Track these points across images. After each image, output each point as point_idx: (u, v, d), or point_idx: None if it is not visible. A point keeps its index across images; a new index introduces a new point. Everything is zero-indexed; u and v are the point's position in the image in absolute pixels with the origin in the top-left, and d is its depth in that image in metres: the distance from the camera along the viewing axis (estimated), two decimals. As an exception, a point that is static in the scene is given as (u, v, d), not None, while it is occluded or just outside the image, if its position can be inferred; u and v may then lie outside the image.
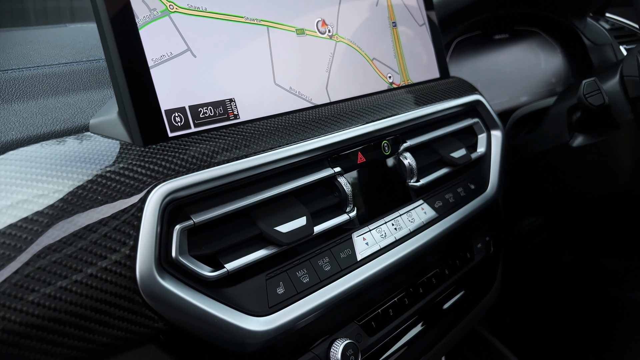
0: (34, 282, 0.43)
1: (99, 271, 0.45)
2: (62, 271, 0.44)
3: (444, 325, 0.77)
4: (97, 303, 0.45)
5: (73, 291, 0.44)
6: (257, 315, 0.53)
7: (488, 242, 0.87)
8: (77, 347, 0.44)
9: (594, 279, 1.78)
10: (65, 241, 0.44)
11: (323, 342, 0.60)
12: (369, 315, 0.66)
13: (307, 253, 0.60)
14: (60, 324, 0.43)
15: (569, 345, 1.85)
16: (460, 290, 0.81)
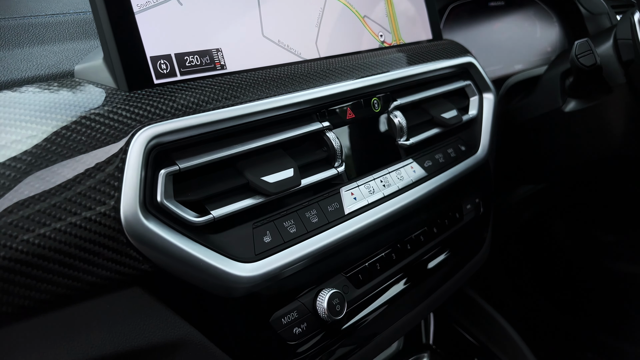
0: (20, 220, 0.43)
1: (83, 210, 0.45)
2: (48, 210, 0.44)
3: (431, 283, 0.78)
4: (82, 241, 0.45)
5: (57, 229, 0.44)
6: (243, 261, 0.53)
7: (478, 203, 0.88)
8: (62, 284, 0.45)
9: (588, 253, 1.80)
10: (49, 180, 0.45)
11: (310, 292, 0.61)
12: (356, 268, 0.67)
13: (295, 205, 0.60)
14: (45, 260, 0.43)
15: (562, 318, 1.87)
16: (449, 249, 0.82)
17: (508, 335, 1.01)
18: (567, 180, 1.34)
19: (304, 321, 0.59)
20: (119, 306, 0.49)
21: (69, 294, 0.45)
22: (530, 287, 1.95)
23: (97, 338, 0.47)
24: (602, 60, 0.91)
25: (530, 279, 1.95)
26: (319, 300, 0.60)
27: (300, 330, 0.59)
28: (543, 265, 1.90)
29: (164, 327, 0.51)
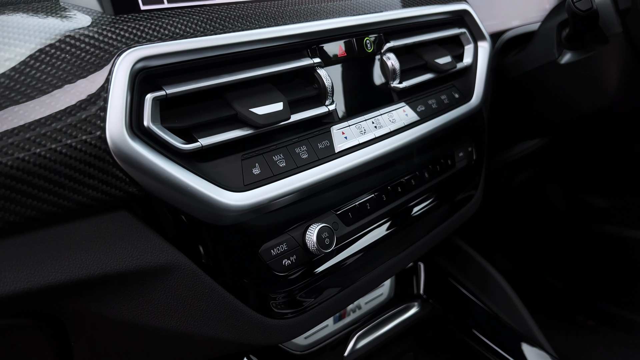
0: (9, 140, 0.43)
1: (69, 129, 0.45)
2: (35, 129, 0.44)
3: (420, 228, 0.79)
4: (69, 160, 0.45)
5: (42, 144, 0.44)
6: (232, 190, 0.53)
7: (470, 152, 0.88)
8: (51, 201, 0.45)
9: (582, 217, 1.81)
10: (35, 100, 0.44)
11: (300, 227, 0.61)
12: (347, 206, 0.67)
13: (284, 140, 0.60)
14: (34, 176, 0.43)
15: (554, 281, 1.89)
16: (440, 196, 0.82)
17: (501, 288, 1.03)
18: (561, 135, 1.34)
19: (293, 254, 0.60)
20: (107, 229, 0.49)
21: (57, 212, 0.45)
22: (522, 250, 1.97)
23: (85, 258, 0.47)
24: (599, 9, 0.89)
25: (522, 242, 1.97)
26: (309, 234, 0.60)
27: (290, 262, 0.59)
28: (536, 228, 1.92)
29: (152, 252, 0.51)
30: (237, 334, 0.57)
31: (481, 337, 0.91)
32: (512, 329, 0.91)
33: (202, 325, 0.55)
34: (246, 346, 0.61)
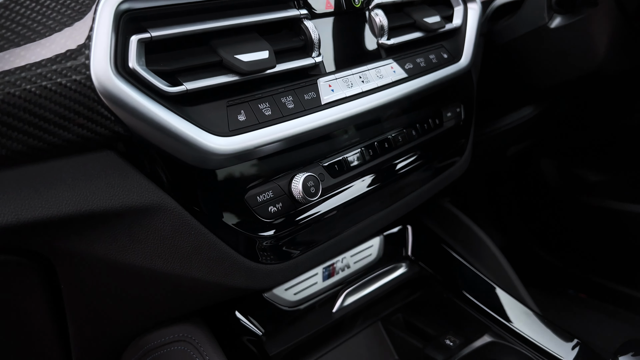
0: None
1: (54, 64, 0.45)
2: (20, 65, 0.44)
3: (408, 185, 0.80)
4: (57, 96, 0.46)
5: (32, 82, 0.44)
6: (217, 135, 0.54)
7: (459, 113, 0.89)
8: (38, 136, 0.46)
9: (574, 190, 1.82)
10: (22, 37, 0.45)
11: (286, 176, 0.62)
12: (333, 159, 0.68)
13: (270, 89, 0.61)
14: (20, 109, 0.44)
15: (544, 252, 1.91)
16: (427, 154, 0.83)
17: (491, 252, 1.04)
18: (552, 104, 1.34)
19: (279, 201, 0.61)
20: (94, 167, 0.50)
21: (44, 148, 0.46)
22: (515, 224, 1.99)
23: (72, 195, 0.48)
24: None
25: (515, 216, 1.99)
26: (295, 182, 0.61)
27: (276, 209, 0.60)
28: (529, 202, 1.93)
29: (137, 192, 0.52)
30: (223, 277, 0.59)
31: (471, 298, 0.93)
32: (501, 291, 0.92)
33: (189, 266, 0.57)
34: (232, 290, 0.62)
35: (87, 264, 0.54)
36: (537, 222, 1.94)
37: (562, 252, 1.89)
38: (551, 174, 1.84)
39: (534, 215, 1.94)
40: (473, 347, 0.86)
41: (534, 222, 1.95)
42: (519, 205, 1.96)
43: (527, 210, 1.95)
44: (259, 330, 0.79)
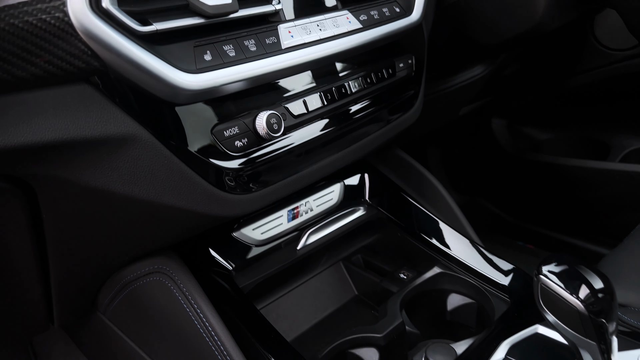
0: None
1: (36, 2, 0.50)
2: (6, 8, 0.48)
3: (363, 129, 0.87)
4: (38, 30, 0.51)
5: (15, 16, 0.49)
6: (185, 72, 0.59)
7: (410, 64, 0.96)
8: (20, 65, 0.50)
9: (523, 149, 1.94)
10: None
11: (251, 113, 0.68)
12: (294, 100, 0.74)
13: (234, 32, 0.66)
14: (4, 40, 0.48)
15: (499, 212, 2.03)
16: (381, 101, 0.90)
17: (440, 195, 1.13)
18: (499, 63, 1.43)
19: (245, 137, 0.67)
20: (73, 99, 0.55)
21: (26, 77, 0.51)
22: (469, 183, 2.10)
23: (54, 123, 0.53)
24: None
25: (469, 175, 2.10)
26: (259, 119, 0.67)
27: (242, 144, 0.66)
28: (481, 161, 2.04)
29: (114, 123, 0.57)
30: (195, 204, 0.65)
31: (422, 236, 1.01)
32: (449, 228, 1.01)
33: (163, 193, 0.62)
34: (203, 217, 0.68)
35: (67, 190, 0.59)
36: (488, 179, 2.06)
37: (512, 207, 2.01)
38: (501, 133, 1.95)
39: (486, 172, 2.06)
40: (424, 278, 0.95)
41: (486, 179, 2.07)
42: (471, 163, 2.07)
43: (479, 168, 2.07)
44: (229, 265, 0.86)
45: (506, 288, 0.88)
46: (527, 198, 1.96)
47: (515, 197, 2.00)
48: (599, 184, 1.70)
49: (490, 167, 2.04)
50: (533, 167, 1.88)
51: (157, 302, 0.79)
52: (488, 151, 1.99)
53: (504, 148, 1.94)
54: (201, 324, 0.75)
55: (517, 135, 1.96)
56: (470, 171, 2.10)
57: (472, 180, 2.10)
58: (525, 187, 1.94)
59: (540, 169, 1.86)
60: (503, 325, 0.79)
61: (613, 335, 0.64)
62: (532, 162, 1.88)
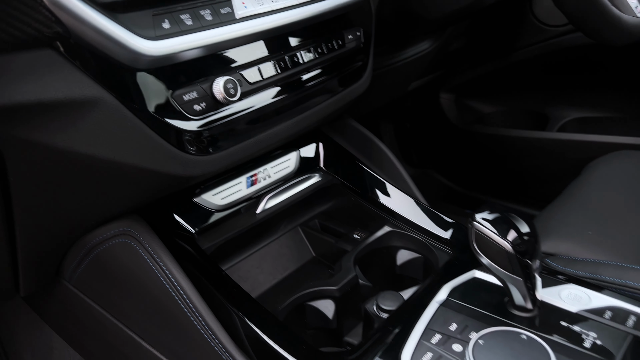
0: None
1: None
2: None
3: (316, 97, 0.93)
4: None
5: None
6: (145, 38, 0.63)
7: (359, 36, 1.02)
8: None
9: (468, 121, 2.05)
10: None
11: (209, 79, 0.72)
12: (250, 67, 0.79)
13: (191, 2, 0.70)
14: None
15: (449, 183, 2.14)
16: (332, 71, 0.96)
17: (390, 162, 1.21)
18: (444, 38, 1.52)
19: (203, 101, 0.71)
20: (38, 63, 0.58)
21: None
22: (420, 156, 2.20)
23: (22, 86, 0.56)
24: None
25: (420, 148, 2.20)
26: (216, 84, 0.72)
27: (200, 108, 0.71)
28: (431, 135, 2.14)
29: (79, 86, 0.61)
30: (157, 164, 0.69)
31: (374, 199, 1.08)
32: (397, 191, 1.09)
33: (127, 154, 0.66)
34: (166, 177, 0.72)
35: (34, 153, 0.62)
36: (438, 152, 2.17)
37: (460, 177, 2.13)
38: (449, 107, 2.05)
39: (436, 145, 2.16)
40: (375, 237, 1.03)
41: (436, 152, 2.18)
42: (422, 136, 2.17)
43: (430, 141, 2.17)
44: (192, 229, 0.90)
45: (448, 241, 0.97)
46: (474, 168, 2.08)
47: (462, 167, 2.11)
48: (538, 152, 1.83)
49: (439, 140, 2.14)
50: (479, 138, 1.99)
51: (124, 264, 0.83)
52: (437, 125, 2.09)
53: (452, 121, 2.05)
54: (169, 282, 0.80)
55: (463, 109, 2.06)
56: (421, 144, 2.20)
57: (423, 153, 2.20)
58: (472, 158, 2.06)
59: (485, 140, 1.97)
60: (445, 273, 0.87)
61: (536, 274, 0.73)
62: (477, 134, 1.99)
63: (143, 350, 0.91)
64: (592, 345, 0.68)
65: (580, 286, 0.80)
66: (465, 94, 2.05)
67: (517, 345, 0.65)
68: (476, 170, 2.07)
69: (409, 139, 2.21)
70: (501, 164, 1.97)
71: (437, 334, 0.73)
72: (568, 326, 0.72)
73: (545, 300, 0.77)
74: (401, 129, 2.19)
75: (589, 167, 1.33)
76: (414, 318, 0.76)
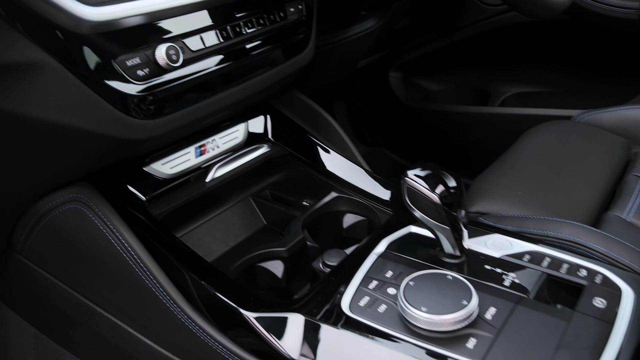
0: None
1: None
2: None
3: (259, 65, 0.97)
4: None
5: None
6: (87, 4, 0.66)
7: (300, 9, 1.06)
8: None
9: (416, 98, 2.13)
10: None
11: (151, 45, 0.75)
12: (192, 35, 0.82)
13: None
14: None
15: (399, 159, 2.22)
16: (275, 41, 1.00)
17: (334, 130, 1.26)
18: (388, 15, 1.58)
19: (147, 67, 0.74)
20: None
21: None
22: (372, 134, 2.28)
23: None
24: None
25: (372, 126, 2.27)
26: (158, 50, 0.75)
27: (144, 73, 0.74)
28: (382, 113, 2.22)
29: (23, 50, 0.63)
30: (103, 127, 0.72)
31: (322, 167, 1.14)
32: (343, 159, 1.15)
33: (73, 117, 0.69)
34: (112, 139, 0.75)
35: None
36: (388, 130, 2.25)
37: (410, 154, 2.21)
38: (398, 86, 2.13)
39: (386, 123, 2.24)
40: (322, 202, 1.08)
41: (386, 130, 2.25)
42: (373, 115, 2.24)
43: (380, 120, 2.24)
44: (142, 196, 0.93)
45: (388, 202, 1.03)
46: (423, 144, 2.17)
47: (412, 144, 2.20)
48: (481, 126, 1.93)
49: (389, 118, 2.22)
50: (426, 115, 2.08)
51: (75, 230, 0.86)
52: (387, 103, 2.16)
53: (401, 99, 2.12)
54: (121, 246, 0.82)
55: (411, 87, 2.14)
56: (372, 123, 2.27)
57: (375, 131, 2.27)
58: (421, 134, 2.14)
59: (432, 116, 2.06)
60: (384, 230, 0.93)
61: (462, 223, 0.81)
62: (425, 111, 2.08)
63: (98, 316, 0.94)
64: (511, 283, 0.76)
65: (504, 235, 0.87)
66: (412, 72, 2.12)
67: (443, 284, 0.72)
68: (425, 146, 2.16)
69: (361, 117, 2.28)
70: (448, 139, 2.06)
71: (374, 280, 0.79)
72: (491, 269, 0.80)
73: (472, 248, 0.84)
74: (353, 108, 2.25)
75: (523, 136, 1.43)
76: (354, 269, 0.82)
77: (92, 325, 0.98)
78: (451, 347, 0.66)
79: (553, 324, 0.68)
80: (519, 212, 1.07)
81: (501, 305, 0.71)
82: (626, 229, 1.06)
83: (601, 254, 0.90)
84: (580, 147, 1.33)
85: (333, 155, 1.14)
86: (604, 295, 0.72)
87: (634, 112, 1.45)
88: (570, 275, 0.77)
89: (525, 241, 0.86)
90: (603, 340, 0.65)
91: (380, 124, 2.26)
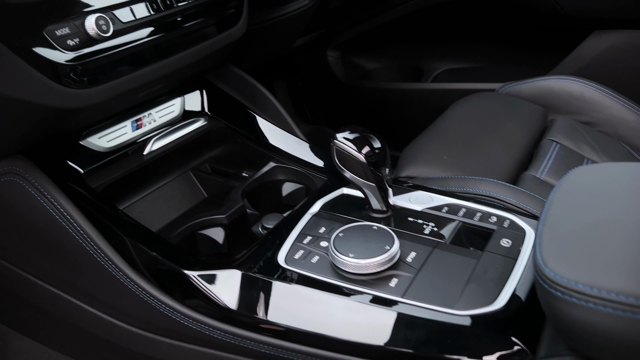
0: None
1: None
2: None
3: (192, 38, 0.99)
4: None
5: None
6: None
7: (233, -15, 1.09)
8: None
9: (354, 76, 2.20)
10: None
11: (80, 17, 0.77)
12: (123, 7, 0.84)
13: None
14: None
15: None
16: (207, 15, 1.02)
17: (270, 102, 1.30)
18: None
19: (77, 37, 0.76)
20: None
21: None
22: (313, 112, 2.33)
23: None
24: None
25: (313, 105, 2.32)
26: (87, 21, 0.77)
27: (74, 43, 0.76)
28: (322, 91, 2.27)
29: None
30: (36, 96, 0.73)
31: (263, 140, 1.18)
32: (282, 130, 1.19)
33: (5, 86, 0.70)
34: (46, 109, 0.77)
35: None
36: (329, 108, 2.31)
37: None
38: (336, 64, 2.18)
39: (326, 101, 2.30)
40: (261, 172, 1.13)
41: (327, 108, 2.31)
42: (313, 94, 2.29)
43: (320, 98, 2.30)
44: (80, 169, 0.94)
45: (323, 169, 1.09)
46: (362, 122, 2.23)
47: (352, 122, 2.26)
48: (416, 102, 2.02)
49: (329, 97, 2.27)
50: (364, 93, 2.15)
51: (12, 203, 0.86)
52: (326, 82, 2.21)
53: (339, 78, 2.18)
54: (61, 216, 0.84)
55: (349, 66, 2.21)
56: (313, 102, 2.32)
57: (316, 110, 2.32)
58: (360, 112, 2.21)
59: (370, 94, 2.13)
60: (319, 194, 0.99)
61: (387, 180, 0.87)
62: (363, 89, 2.15)
63: (40, 289, 0.95)
64: (430, 231, 0.84)
65: (426, 191, 0.95)
66: (350, 51, 2.19)
67: (369, 234, 0.79)
68: (364, 123, 2.22)
69: (302, 97, 2.32)
70: (386, 115, 2.14)
71: (308, 236, 0.85)
72: (413, 220, 0.87)
73: (397, 204, 0.91)
74: (294, 87, 2.29)
75: (450, 107, 1.52)
76: (290, 228, 0.87)
77: (35, 299, 0.99)
78: (376, 287, 0.73)
79: (465, 262, 0.76)
80: (443, 174, 1.16)
81: (421, 250, 0.79)
82: (539, 186, 1.17)
83: (512, 205, 0.99)
84: (501, 116, 1.44)
85: (270, 126, 1.19)
86: (510, 236, 0.81)
87: (549, 83, 1.57)
88: (482, 222, 0.85)
89: (444, 195, 0.94)
90: (507, 272, 0.74)
91: (320, 103, 2.31)
